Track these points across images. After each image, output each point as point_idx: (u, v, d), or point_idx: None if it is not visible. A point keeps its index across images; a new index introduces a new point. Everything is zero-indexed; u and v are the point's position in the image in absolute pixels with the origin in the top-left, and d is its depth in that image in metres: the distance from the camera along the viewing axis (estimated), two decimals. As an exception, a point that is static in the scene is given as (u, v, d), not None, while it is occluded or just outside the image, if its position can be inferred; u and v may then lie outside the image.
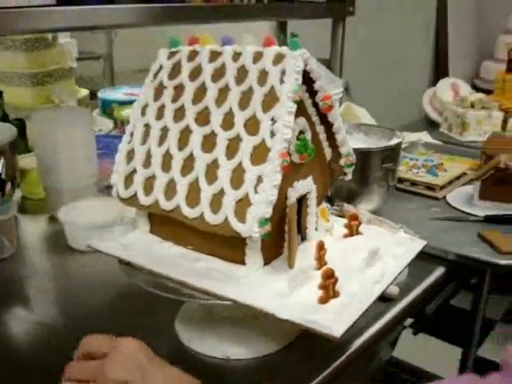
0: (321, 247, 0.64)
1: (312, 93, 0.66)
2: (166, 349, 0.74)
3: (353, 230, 0.72)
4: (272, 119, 0.60)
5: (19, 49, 1.56)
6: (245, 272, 0.64)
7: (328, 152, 0.72)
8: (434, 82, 2.04)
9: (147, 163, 0.69)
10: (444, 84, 1.94)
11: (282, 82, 0.61)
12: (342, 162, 0.72)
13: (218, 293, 0.61)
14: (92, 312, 0.83)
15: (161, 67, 0.72)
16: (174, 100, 0.69)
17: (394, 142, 1.07)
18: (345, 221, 0.73)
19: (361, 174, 1.05)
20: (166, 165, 0.67)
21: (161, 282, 0.65)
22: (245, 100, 0.63)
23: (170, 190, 0.66)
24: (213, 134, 0.64)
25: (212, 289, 0.62)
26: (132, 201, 0.70)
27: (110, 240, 0.73)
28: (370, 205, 1.08)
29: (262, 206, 0.58)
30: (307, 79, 0.64)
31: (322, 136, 0.70)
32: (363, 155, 1.04)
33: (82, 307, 0.84)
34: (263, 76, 0.63)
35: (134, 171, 0.69)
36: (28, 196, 1.23)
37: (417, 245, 0.72)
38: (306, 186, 0.67)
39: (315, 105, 0.67)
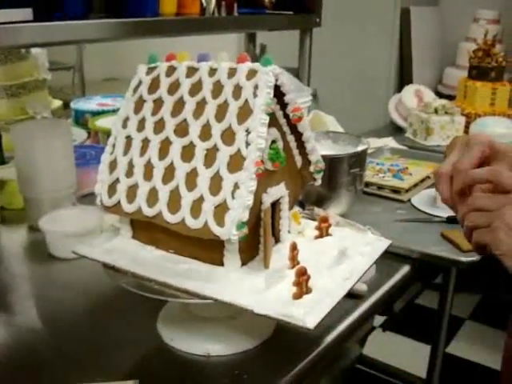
0: (294, 248, 0.69)
1: (283, 105, 0.71)
2: (149, 348, 0.79)
3: (323, 232, 0.78)
4: (247, 130, 0.65)
5: (-7, 62, 1.58)
6: (224, 273, 0.69)
7: (298, 160, 0.77)
8: (399, 89, 2.12)
9: (130, 173, 0.73)
10: (408, 90, 2.02)
11: (255, 95, 0.66)
12: (311, 168, 0.77)
13: (200, 292, 0.66)
14: (74, 316, 0.86)
15: (140, 82, 0.76)
16: (154, 113, 0.73)
17: (360, 148, 1.13)
18: (315, 223, 0.78)
19: (329, 179, 1.11)
20: (148, 174, 0.71)
21: (144, 284, 0.69)
22: (221, 113, 0.68)
23: (152, 197, 0.70)
24: (191, 145, 0.69)
25: (194, 289, 0.66)
26: (116, 209, 0.74)
27: (95, 246, 0.77)
28: (339, 208, 1.14)
29: (239, 210, 0.63)
30: (278, 92, 0.69)
31: (293, 144, 0.75)
32: (331, 161, 1.10)
33: (64, 313, 0.87)
34: (237, 90, 0.68)
35: (117, 180, 0.74)
36: (6, 207, 1.25)
37: (383, 244, 0.78)
38: (279, 191, 0.73)
39: (286, 116, 0.72)
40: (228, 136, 0.67)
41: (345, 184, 1.13)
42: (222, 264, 0.69)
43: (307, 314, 0.60)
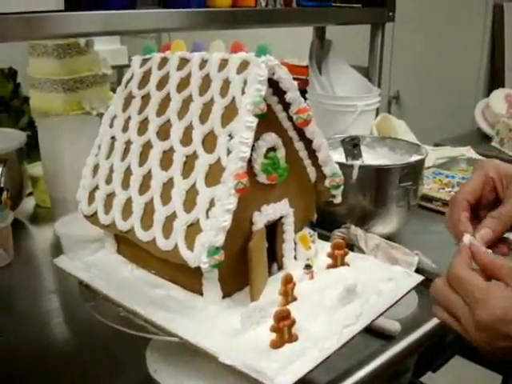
0: (288, 281, 0.56)
1: (286, 105, 0.58)
2: (133, 377, 0.69)
3: (337, 261, 0.64)
4: (229, 135, 0.53)
5: (51, 55, 1.56)
6: (202, 303, 0.57)
7: (312, 171, 0.64)
8: (488, 93, 1.90)
9: (109, 179, 0.63)
10: (498, 95, 1.80)
11: (243, 92, 0.54)
12: (327, 183, 0.64)
13: (166, 327, 0.55)
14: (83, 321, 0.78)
15: (132, 76, 0.66)
16: (140, 111, 0.63)
17: (414, 158, 0.97)
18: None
19: (376, 192, 0.96)
20: (126, 181, 0.61)
21: (113, 309, 0.60)
22: (205, 113, 0.56)
23: (127, 209, 0.60)
24: (171, 150, 0.58)
25: (161, 322, 0.56)
26: (94, 219, 0.65)
27: (76, 259, 0.68)
28: (387, 227, 0.98)
29: (212, 233, 0.52)
30: (277, 89, 0.57)
31: (303, 153, 0.62)
32: (378, 173, 0.95)
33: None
34: (226, 86, 0.56)
35: (97, 187, 0.64)
36: (40, 204, 1.21)
37: (411, 281, 0.63)
38: (278, 209, 0.60)
39: (292, 119, 0.59)
40: (209, 141, 0.55)
41: (394, 199, 0.97)
42: (201, 293, 0.58)
43: (281, 370, 0.47)
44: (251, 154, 0.55)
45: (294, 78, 0.58)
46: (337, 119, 1.39)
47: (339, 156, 1.01)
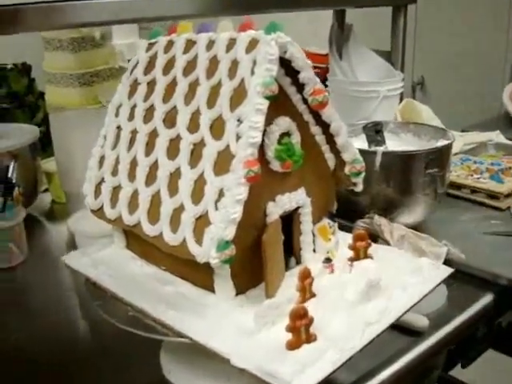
0: (305, 275, 0.52)
1: (300, 86, 0.54)
2: (147, 377, 0.66)
3: (359, 253, 0.59)
4: (238, 120, 0.49)
5: (66, 49, 1.54)
6: (214, 301, 0.53)
7: (330, 158, 0.60)
8: (517, 75, 1.82)
9: (115, 170, 0.60)
10: (527, 77, 1.72)
11: (252, 73, 0.50)
12: (346, 170, 0.60)
13: (176, 327, 0.51)
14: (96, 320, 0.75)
15: (137, 61, 0.63)
16: (146, 98, 0.60)
17: (440, 143, 0.92)
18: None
19: (401, 180, 0.91)
20: (132, 173, 0.58)
21: (122, 308, 0.56)
22: (213, 97, 0.53)
23: (134, 202, 0.57)
24: (178, 138, 0.54)
25: (171, 322, 0.52)
26: (101, 213, 0.61)
27: (85, 254, 0.65)
28: (413, 216, 0.93)
29: (221, 226, 0.48)
30: (290, 70, 0.52)
31: (320, 139, 0.58)
32: (403, 159, 0.90)
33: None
34: (234, 67, 0.52)
35: (103, 180, 0.61)
36: (57, 200, 1.19)
37: (439, 273, 0.59)
38: (294, 199, 0.56)
39: (307, 101, 0.55)
40: (218, 127, 0.51)
41: (420, 187, 0.92)
42: (213, 290, 0.54)
43: (298, 373, 0.43)
44: (263, 140, 0.51)
45: (315, 67, 0.54)
46: (359, 105, 1.33)
47: (362, 143, 0.96)
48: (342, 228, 0.66)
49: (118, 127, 0.61)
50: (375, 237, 0.86)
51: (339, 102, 1.41)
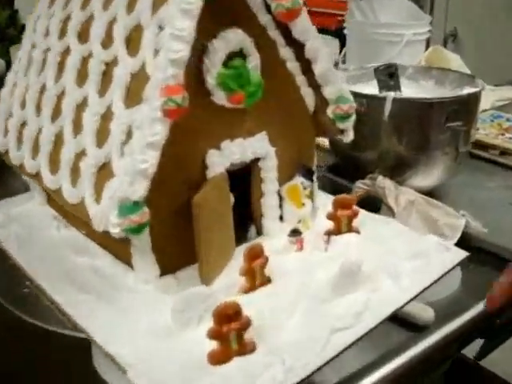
0: (254, 255, 0.37)
1: (261, -13, 0.38)
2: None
3: (340, 225, 0.44)
4: (159, 26, 0.34)
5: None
6: (132, 283, 0.39)
7: (308, 94, 0.44)
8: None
9: (24, 101, 0.46)
10: None
11: (183, -41, 0.34)
12: (329, 112, 0.44)
13: (74, 317, 0.38)
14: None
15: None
16: (65, 5, 0.45)
17: (466, 91, 0.75)
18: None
19: (415, 134, 0.75)
20: (40, 104, 0.43)
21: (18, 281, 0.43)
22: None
23: (37, 142, 0.42)
24: (90, 56, 0.39)
25: (70, 309, 0.38)
26: (7, 157, 0.47)
27: (1, 211, 0.52)
28: (427, 179, 0.77)
29: (126, 179, 0.33)
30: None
31: (292, 65, 0.42)
32: (419, 108, 0.73)
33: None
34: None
35: (11, 114, 0.47)
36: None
37: (450, 257, 0.43)
38: (250, 148, 0.41)
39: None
40: (135, 39, 0.36)
41: (439, 143, 0.75)
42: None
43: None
44: (203, 61, 0.36)
45: (330, 14, 0.38)
46: (380, 50, 1.18)
47: (373, 89, 0.80)
48: (339, 190, 0.50)
49: (33, 45, 0.47)
50: (377, 202, 0.70)
51: (357, 47, 1.25)
